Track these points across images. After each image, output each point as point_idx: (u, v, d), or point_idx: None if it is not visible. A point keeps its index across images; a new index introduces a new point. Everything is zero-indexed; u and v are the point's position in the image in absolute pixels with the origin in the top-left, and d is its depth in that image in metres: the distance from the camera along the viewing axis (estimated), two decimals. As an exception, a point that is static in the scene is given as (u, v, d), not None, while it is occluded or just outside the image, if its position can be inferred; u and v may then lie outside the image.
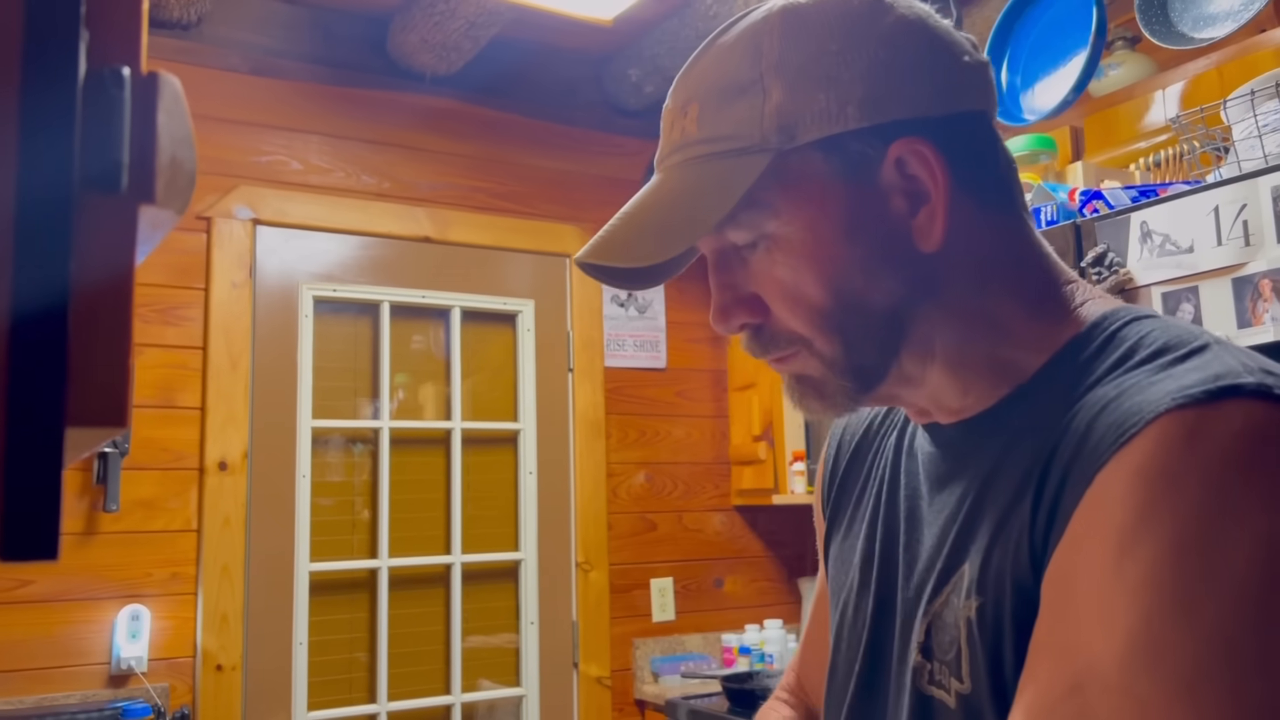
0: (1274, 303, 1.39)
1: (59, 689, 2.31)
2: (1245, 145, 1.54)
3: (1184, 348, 0.60)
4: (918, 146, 0.65)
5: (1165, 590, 0.51)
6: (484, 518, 2.93)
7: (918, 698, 0.68)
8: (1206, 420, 0.53)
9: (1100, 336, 0.65)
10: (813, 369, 0.69)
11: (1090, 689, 0.52)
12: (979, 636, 0.62)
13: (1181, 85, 2.06)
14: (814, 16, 0.66)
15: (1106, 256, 1.58)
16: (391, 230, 2.85)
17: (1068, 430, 0.60)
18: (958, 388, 0.69)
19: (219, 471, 2.53)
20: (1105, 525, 0.54)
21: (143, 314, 2.51)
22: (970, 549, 0.65)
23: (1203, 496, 0.52)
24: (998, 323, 0.68)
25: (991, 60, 2.22)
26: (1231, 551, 0.51)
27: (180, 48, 2.63)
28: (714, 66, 0.69)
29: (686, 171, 0.68)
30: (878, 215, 0.66)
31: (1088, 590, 0.54)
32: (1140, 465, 0.53)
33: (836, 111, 0.64)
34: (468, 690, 2.82)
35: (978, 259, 0.67)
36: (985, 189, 0.68)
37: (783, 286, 0.67)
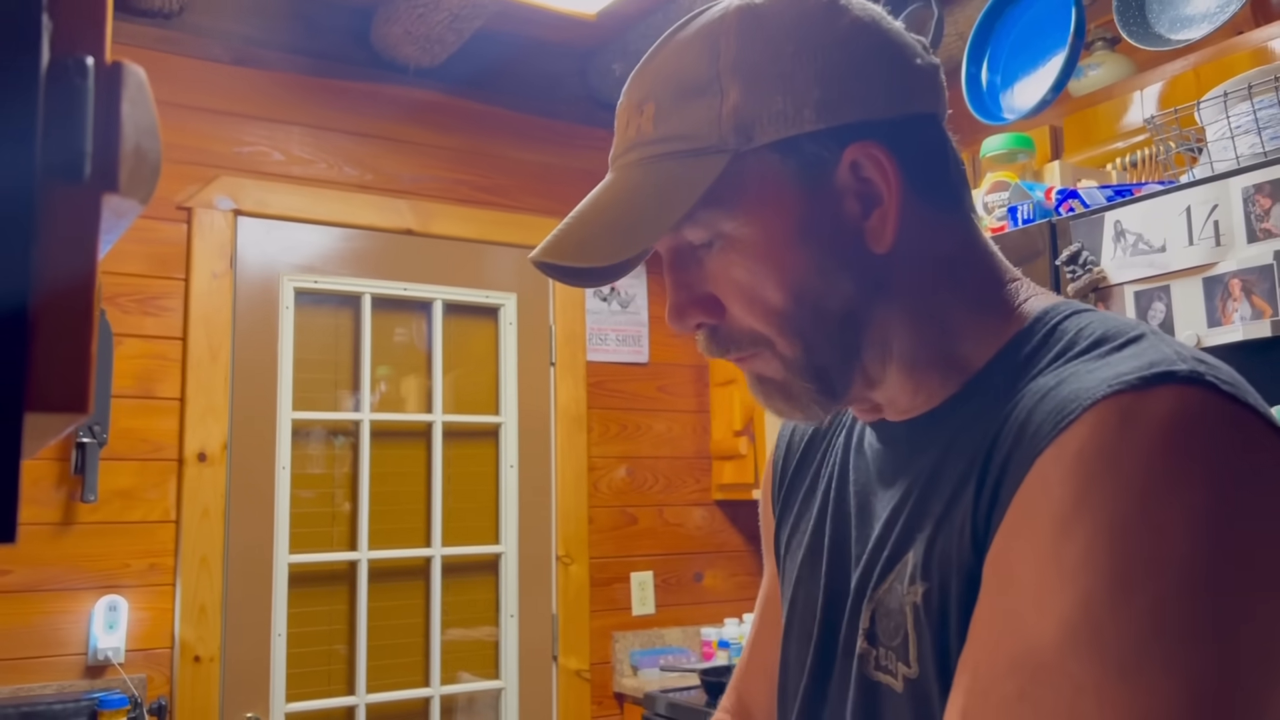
0: (1243, 302, 1.41)
1: (35, 679, 2.31)
2: (1218, 146, 1.56)
3: (1120, 338, 0.61)
4: (872, 150, 0.66)
5: (1102, 572, 0.51)
6: (465, 511, 2.93)
7: (865, 684, 0.69)
8: (1141, 405, 0.54)
9: (1042, 331, 0.66)
10: (774, 371, 0.69)
11: (1028, 670, 0.53)
12: (925, 621, 0.63)
13: (1159, 86, 2.08)
14: (771, 17, 0.67)
15: (1081, 255, 1.60)
16: (374, 222, 2.85)
17: (1009, 419, 0.61)
18: (911, 386, 0.70)
19: (198, 462, 2.53)
20: (1044, 508, 0.55)
21: (122, 304, 2.50)
22: (915, 537, 0.66)
23: (1138, 478, 0.52)
24: (947, 320, 0.69)
25: (972, 59, 2.22)
26: (1167, 533, 0.51)
27: (161, 37, 2.62)
28: (671, 64, 0.69)
29: (644, 170, 0.68)
30: (832, 217, 0.67)
31: (1026, 572, 0.55)
32: (1078, 449, 0.54)
33: (793, 114, 0.65)
34: (447, 682, 2.83)
35: (928, 259, 0.68)
36: (935, 190, 0.69)
37: (739, 287, 0.67)
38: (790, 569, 0.83)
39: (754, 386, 0.72)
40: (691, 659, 3.09)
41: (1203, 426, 0.54)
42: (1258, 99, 1.51)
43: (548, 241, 0.70)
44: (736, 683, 0.98)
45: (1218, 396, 0.54)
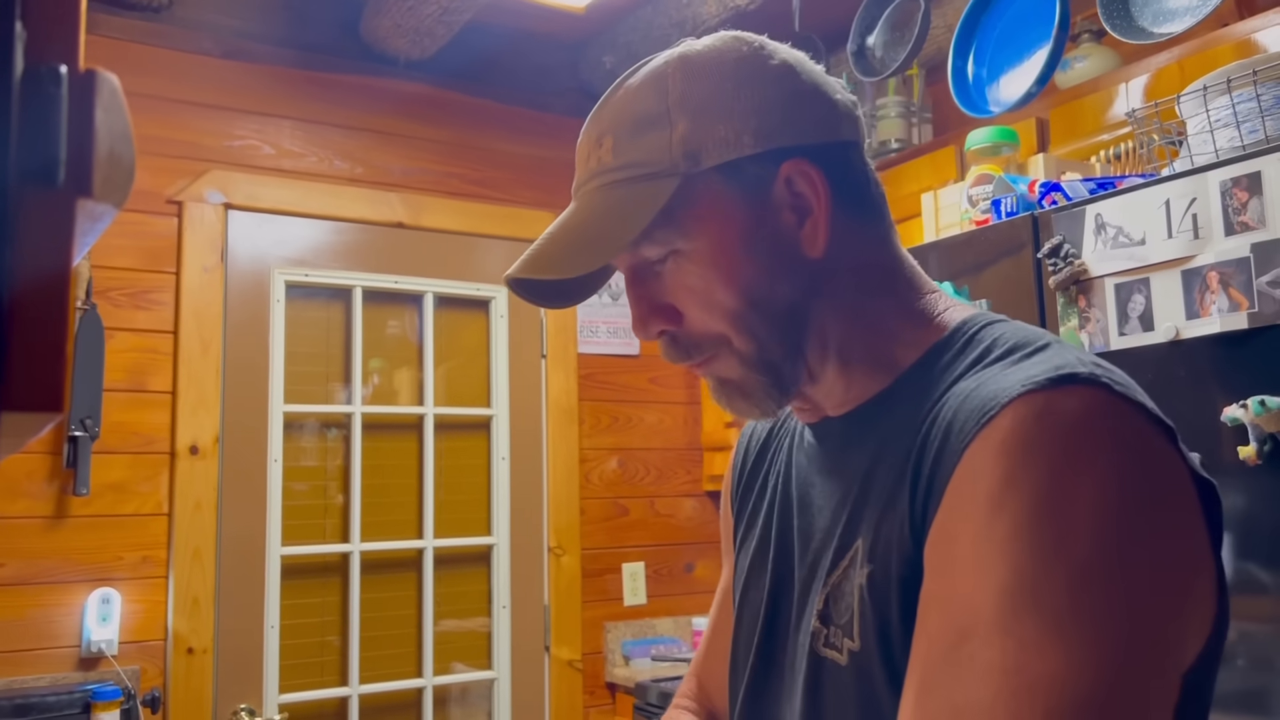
0: (1221, 294, 1.42)
1: (29, 672, 2.32)
2: (1198, 139, 1.57)
3: (1030, 346, 0.70)
4: (803, 167, 0.75)
5: (1031, 541, 0.59)
6: (456, 503, 2.94)
7: (813, 660, 0.75)
8: (1051, 402, 0.62)
9: (961, 340, 0.75)
10: (732, 370, 0.77)
11: (975, 635, 0.59)
12: (870, 600, 0.70)
13: (1145, 79, 2.09)
14: (710, 61, 0.76)
15: (1062, 248, 1.61)
16: (364, 215, 2.85)
17: (937, 418, 0.69)
18: (845, 381, 0.78)
19: (190, 456, 2.54)
20: (975, 493, 0.62)
21: (113, 298, 2.51)
22: (861, 526, 0.74)
23: (1054, 462, 0.60)
24: (876, 321, 0.78)
25: (957, 52, 2.23)
26: (1081, 506, 0.59)
27: (151, 30, 2.62)
28: (624, 104, 0.78)
29: (604, 195, 0.76)
30: (772, 227, 0.75)
31: (963, 550, 0.62)
32: (1001, 440, 0.62)
33: (734, 140, 0.74)
34: (440, 673, 2.84)
35: (856, 264, 0.77)
36: (860, 206, 0.78)
37: (695, 294, 0.75)
38: (743, 562, 0.90)
39: (715, 390, 0.80)
40: (683, 649, 3.11)
41: (1101, 419, 0.62)
42: (1236, 93, 1.52)
43: (522, 261, 0.78)
44: (695, 669, 1.05)
45: (1112, 395, 0.63)
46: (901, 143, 2.72)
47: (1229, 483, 1.44)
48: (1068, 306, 1.64)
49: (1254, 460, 1.38)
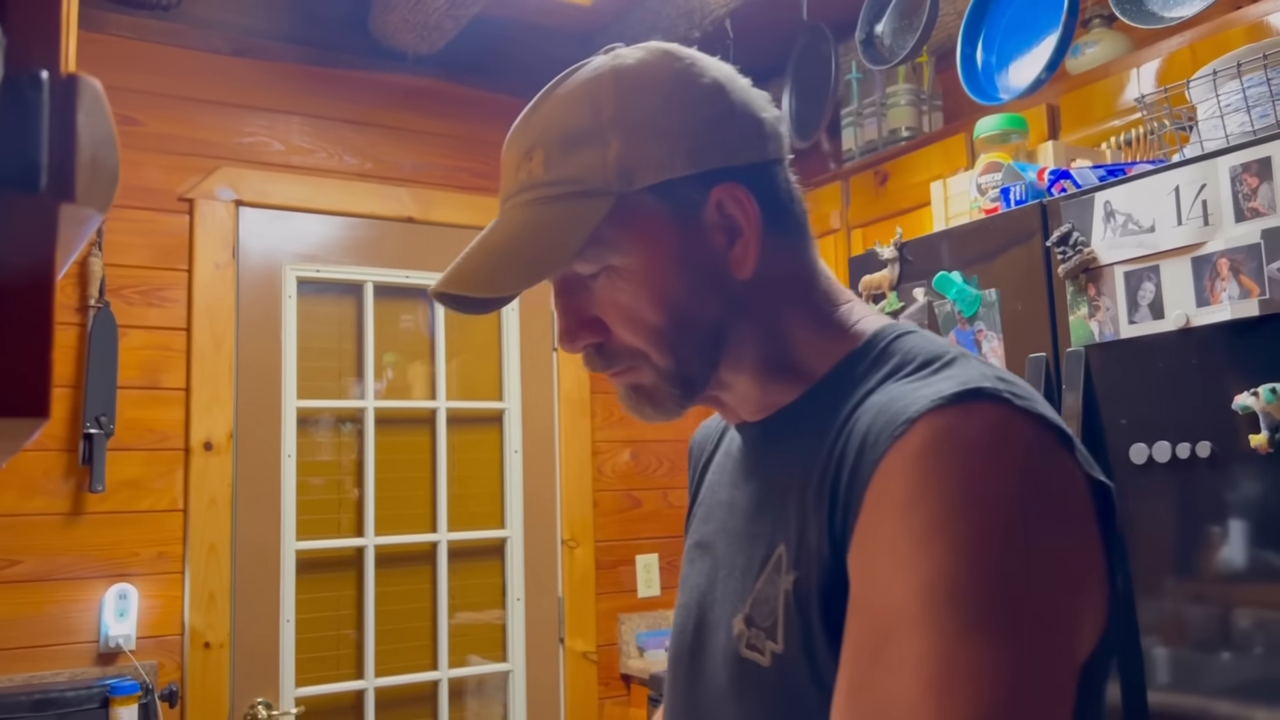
0: (1231, 281, 1.41)
1: (48, 667, 2.34)
2: (1208, 125, 1.55)
3: (939, 361, 0.74)
4: (734, 191, 0.77)
5: (945, 542, 0.62)
6: (470, 496, 2.95)
7: (736, 661, 0.77)
8: (958, 416, 0.66)
9: (874, 351, 0.78)
10: (647, 379, 0.79)
11: (898, 632, 0.62)
12: (795, 606, 0.72)
13: (1156, 64, 2.07)
14: (643, 79, 0.77)
15: (1071, 236, 1.60)
16: (374, 211, 2.86)
17: (852, 430, 0.72)
18: (759, 391, 0.81)
19: (204, 452, 2.55)
20: (889, 502, 0.66)
21: (126, 296, 2.53)
22: (781, 532, 0.76)
23: (961, 470, 0.64)
24: (795, 337, 0.80)
25: (966, 39, 2.22)
26: (988, 508, 0.63)
27: (161, 29, 2.63)
28: (554, 117, 0.78)
29: (537, 210, 0.77)
30: (702, 248, 0.77)
31: (882, 555, 0.65)
32: (912, 452, 0.66)
33: (668, 161, 0.75)
34: (455, 666, 2.86)
35: (781, 284, 0.80)
36: (785, 223, 0.80)
37: (624, 310, 0.77)
38: (684, 564, 0.94)
39: (625, 395, 0.82)
40: (697, 640, 3.11)
41: (1005, 430, 0.66)
42: (1246, 77, 1.50)
43: (449, 273, 0.78)
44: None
45: (1013, 409, 0.67)
46: (911, 131, 2.71)
47: (1241, 471, 1.42)
48: (1077, 295, 1.63)
49: (1265, 448, 1.37)
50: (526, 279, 0.75)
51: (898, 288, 1.96)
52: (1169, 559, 1.52)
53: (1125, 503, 1.57)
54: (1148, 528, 1.54)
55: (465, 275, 0.78)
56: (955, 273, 1.83)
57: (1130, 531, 1.56)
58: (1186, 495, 1.49)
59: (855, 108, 2.85)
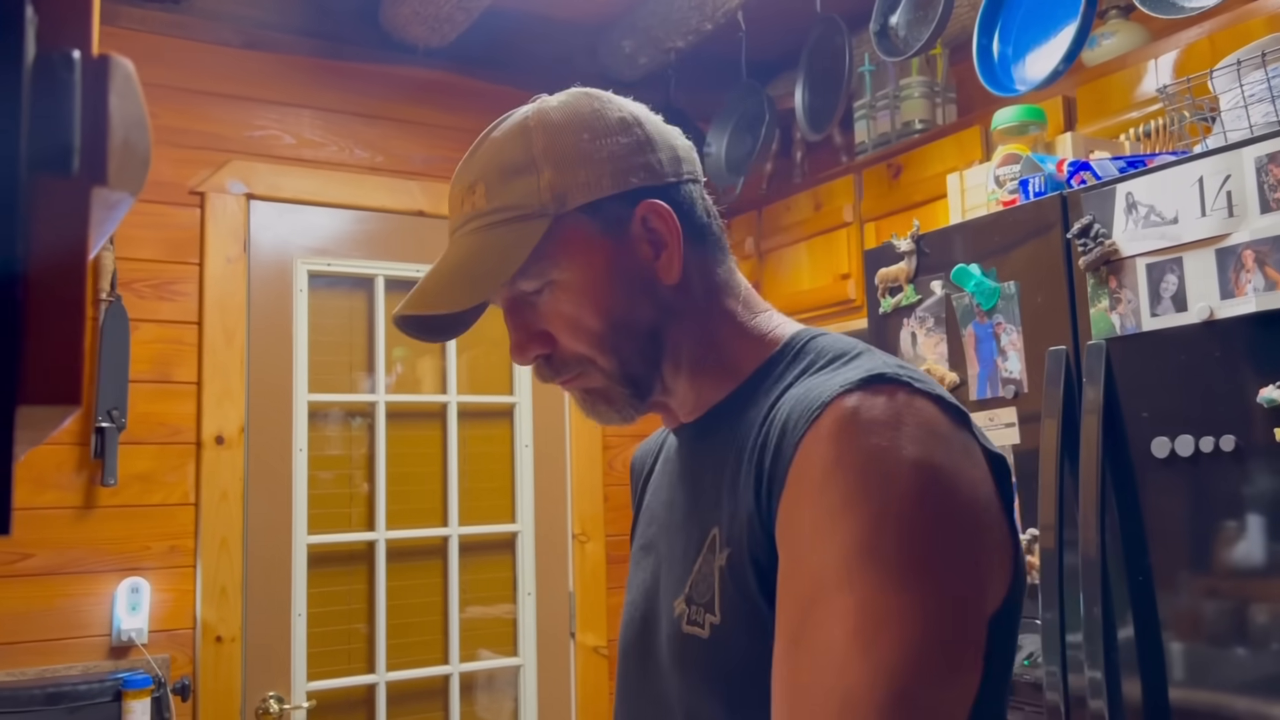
0: (1256, 273, 1.39)
1: (60, 661, 2.34)
2: (1231, 116, 1.54)
3: (846, 355, 0.84)
4: (656, 207, 0.86)
5: (859, 509, 0.70)
6: (481, 490, 2.95)
7: (680, 638, 0.85)
8: (864, 398, 0.75)
9: (791, 353, 0.88)
10: (597, 382, 0.87)
11: (825, 592, 0.70)
12: (730, 579, 0.80)
13: (1174, 54, 2.05)
14: (565, 116, 0.87)
15: (1092, 228, 1.58)
16: (385, 204, 2.85)
17: (772, 420, 0.80)
18: (694, 391, 0.90)
19: (216, 445, 2.55)
20: (807, 477, 0.74)
21: (138, 289, 2.52)
22: (715, 514, 0.84)
23: (869, 443, 0.72)
24: (722, 338, 0.89)
25: (982, 30, 2.20)
26: (895, 476, 0.71)
27: (171, 21, 2.62)
28: (492, 155, 0.87)
29: (481, 236, 0.85)
30: (632, 259, 0.86)
31: (804, 526, 0.73)
32: (825, 432, 0.74)
33: (594, 183, 0.84)
34: (466, 660, 2.85)
35: (706, 290, 0.89)
36: (704, 238, 0.90)
37: (567, 320, 0.85)
38: (630, 568, 1.02)
39: (582, 401, 0.90)
40: (708, 635, 3.10)
41: (906, 408, 0.75)
42: (1271, 66, 1.48)
43: (407, 300, 0.87)
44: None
45: (912, 390, 0.76)
46: (925, 123, 2.69)
47: (1265, 465, 1.41)
48: (1098, 287, 1.61)
49: (1291, 442, 1.35)
50: (476, 295, 0.83)
51: (915, 280, 1.95)
52: (1191, 554, 1.50)
53: (1147, 497, 1.55)
54: (1169, 522, 1.53)
55: (421, 297, 0.86)
56: (974, 265, 1.82)
57: (1151, 525, 1.55)
58: (1209, 490, 1.47)
59: (868, 100, 2.83)
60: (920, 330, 1.94)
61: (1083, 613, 1.58)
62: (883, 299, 2.02)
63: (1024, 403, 1.75)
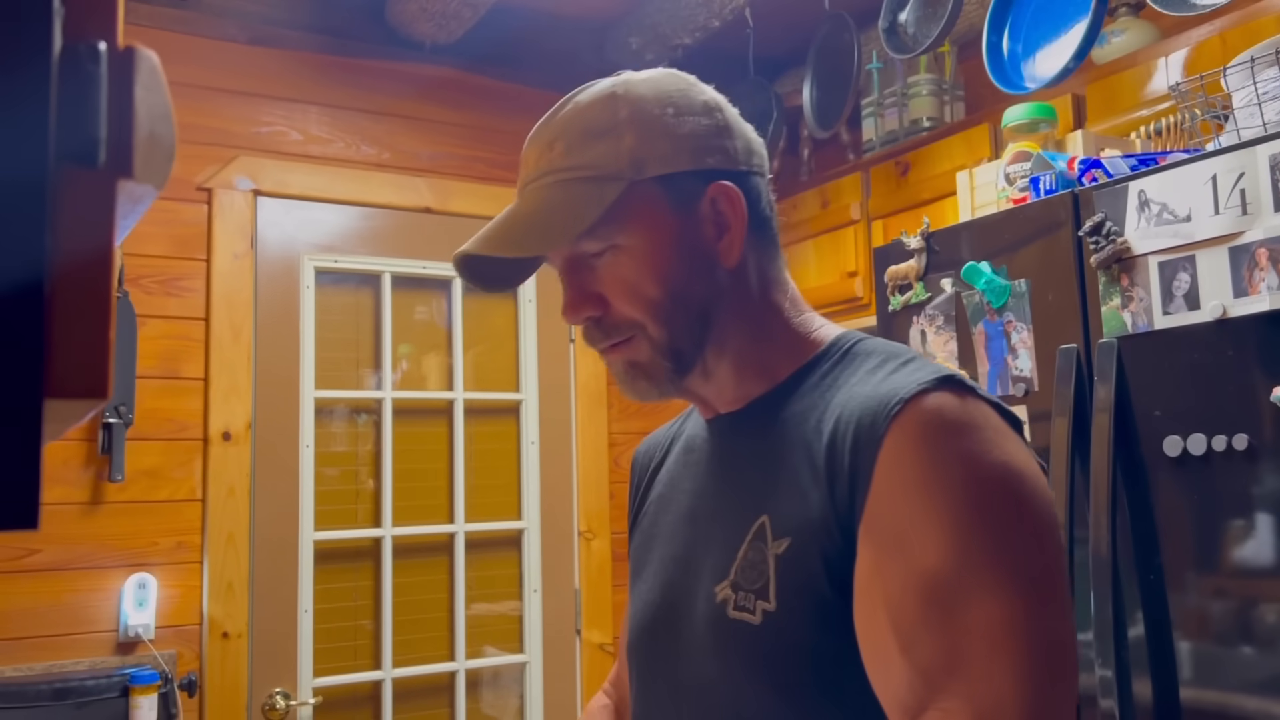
0: (1270, 272, 1.39)
1: (67, 656, 2.34)
2: (1245, 113, 1.53)
3: (902, 357, 0.86)
4: (727, 189, 0.88)
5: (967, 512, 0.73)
6: (487, 487, 2.94)
7: (723, 622, 0.85)
8: (943, 399, 0.77)
9: (837, 353, 0.90)
10: (642, 354, 0.88)
11: (946, 595, 0.71)
12: (790, 568, 0.81)
13: (1184, 52, 2.04)
14: (652, 90, 0.89)
15: (1104, 226, 1.58)
16: (392, 201, 2.85)
17: (841, 415, 0.81)
18: (735, 380, 0.91)
19: (223, 441, 2.55)
20: (905, 477, 0.75)
21: (145, 285, 2.52)
22: (764, 505, 0.85)
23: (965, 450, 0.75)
24: (767, 331, 0.91)
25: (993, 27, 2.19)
26: (991, 478, 0.74)
27: (178, 18, 2.62)
28: (575, 116, 0.89)
29: (555, 190, 0.87)
30: (696, 236, 0.88)
31: (911, 526, 0.73)
32: (914, 432, 0.76)
33: (672, 156, 0.87)
34: (472, 657, 2.85)
35: (758, 279, 0.91)
36: (764, 229, 0.92)
37: (625, 284, 0.87)
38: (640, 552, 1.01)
39: (622, 372, 0.90)
40: (714, 633, 3.10)
41: (980, 412, 0.78)
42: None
43: (472, 241, 0.87)
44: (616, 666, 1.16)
45: (977, 395, 0.79)
46: (933, 121, 2.68)
47: (1278, 464, 1.40)
48: (1110, 285, 1.61)
49: (1304, 441, 1.35)
50: (544, 244, 0.85)
51: (924, 278, 1.94)
52: (1202, 553, 1.50)
53: (1158, 496, 1.55)
54: (1182, 521, 1.52)
55: (488, 241, 0.87)
56: (984, 263, 1.82)
57: (1162, 525, 1.54)
58: (1221, 489, 1.47)
59: (876, 98, 2.82)
60: (930, 328, 1.93)
61: (1094, 611, 1.57)
62: (892, 296, 2.01)
63: (1035, 401, 1.75)
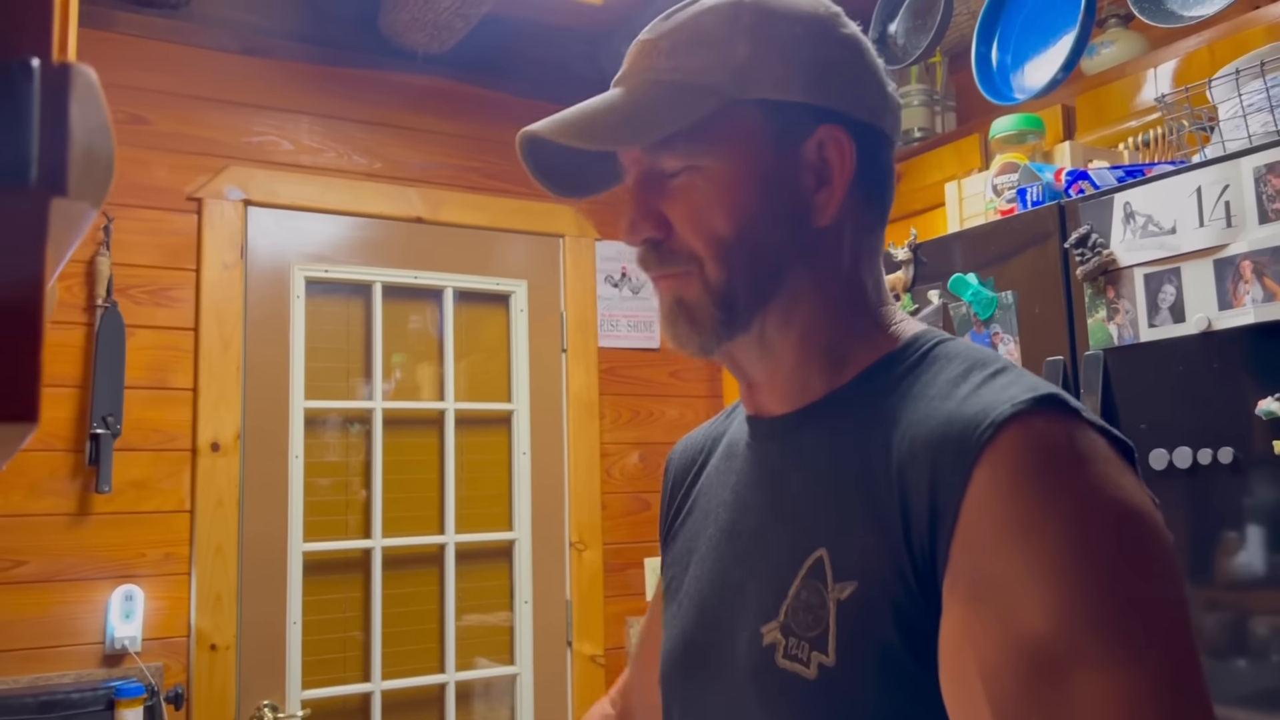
0: (1255, 284, 1.38)
1: (53, 669, 2.33)
2: (1230, 125, 1.53)
3: (991, 366, 0.72)
4: (839, 134, 0.76)
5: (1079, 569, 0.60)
6: (478, 498, 2.93)
7: (771, 671, 0.73)
8: (1046, 424, 0.64)
9: (915, 354, 0.77)
10: (694, 293, 0.77)
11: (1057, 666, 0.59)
12: (855, 618, 0.68)
13: (1173, 64, 2.04)
14: (786, 7, 0.78)
15: (1090, 238, 1.57)
16: (383, 211, 2.84)
17: (915, 436, 0.69)
18: (796, 362, 0.79)
19: (211, 452, 2.54)
20: (1004, 524, 0.62)
21: (134, 295, 2.51)
22: (822, 535, 0.73)
23: (1071, 489, 0.62)
24: (843, 312, 0.78)
25: (981, 39, 2.19)
26: (1110, 528, 0.62)
27: (169, 27, 2.62)
28: (691, 18, 0.78)
29: (649, 88, 0.77)
30: (790, 179, 0.76)
31: (1012, 583, 0.61)
32: (1012, 465, 0.63)
33: (787, 82, 0.75)
34: (462, 668, 2.84)
35: (851, 250, 0.78)
36: (873, 199, 0.79)
37: (696, 210, 0.76)
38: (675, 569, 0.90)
39: (668, 310, 0.79)
40: (706, 644, 3.09)
41: (1089, 441, 0.65)
42: (1270, 76, 1.47)
43: (543, 124, 0.77)
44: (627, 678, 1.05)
45: (1082, 419, 0.66)
46: (924, 131, 2.68)
47: (1264, 478, 1.40)
48: (1095, 297, 1.60)
49: (1290, 455, 1.34)
50: (620, 138, 0.76)
51: (912, 289, 1.94)
52: (1191, 566, 1.49)
53: (1144, 509, 1.54)
54: (1167, 535, 1.51)
55: (561, 126, 0.76)
56: (971, 274, 1.81)
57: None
58: (1208, 502, 1.46)
59: (868, 108, 2.82)
60: (918, 340, 1.92)
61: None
62: (880, 308, 2.01)
63: (1021, 413, 1.74)
